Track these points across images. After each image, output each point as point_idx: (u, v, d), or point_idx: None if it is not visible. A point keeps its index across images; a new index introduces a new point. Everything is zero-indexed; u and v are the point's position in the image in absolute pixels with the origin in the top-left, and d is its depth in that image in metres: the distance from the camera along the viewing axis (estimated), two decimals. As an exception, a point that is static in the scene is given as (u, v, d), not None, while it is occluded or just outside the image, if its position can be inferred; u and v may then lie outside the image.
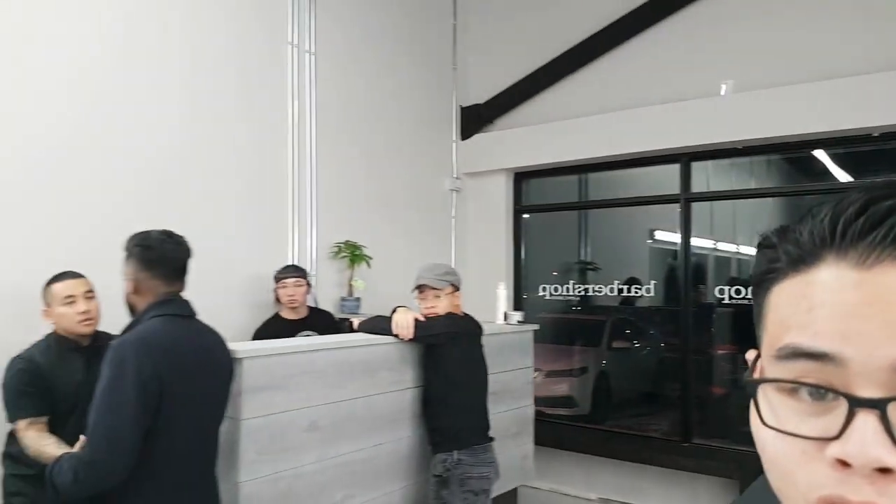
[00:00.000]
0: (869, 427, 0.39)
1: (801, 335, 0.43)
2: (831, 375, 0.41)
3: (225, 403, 2.16)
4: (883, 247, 0.41)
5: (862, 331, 0.41)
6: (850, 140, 4.15)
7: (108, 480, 1.86)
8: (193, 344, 2.08)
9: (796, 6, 4.16)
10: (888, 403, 0.39)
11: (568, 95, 5.04)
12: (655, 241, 5.95)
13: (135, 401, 1.86)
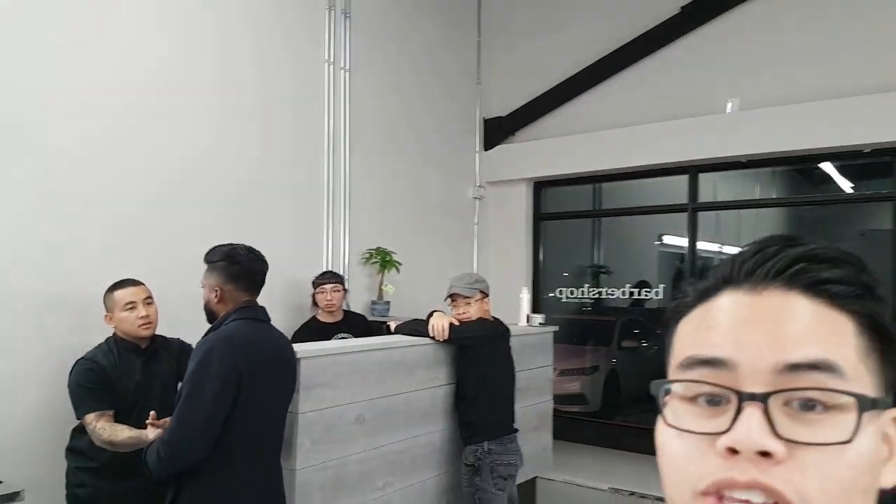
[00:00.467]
0: (754, 418, 0.47)
1: (701, 347, 0.52)
2: (725, 379, 0.50)
3: (290, 397, 2.45)
4: (769, 278, 0.52)
5: (751, 340, 0.50)
6: (844, 155, 4.45)
7: (186, 459, 2.12)
8: (269, 344, 2.35)
9: (795, 33, 4.44)
10: (769, 397, 0.47)
11: (584, 110, 5.33)
12: (663, 245, 6.26)
13: (214, 392, 2.12)
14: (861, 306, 0.51)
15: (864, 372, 0.50)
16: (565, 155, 5.33)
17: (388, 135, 5.01)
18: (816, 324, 0.50)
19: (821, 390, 0.47)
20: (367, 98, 4.81)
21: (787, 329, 0.50)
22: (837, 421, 0.47)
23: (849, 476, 0.47)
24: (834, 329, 0.50)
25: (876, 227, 5.00)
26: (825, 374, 0.48)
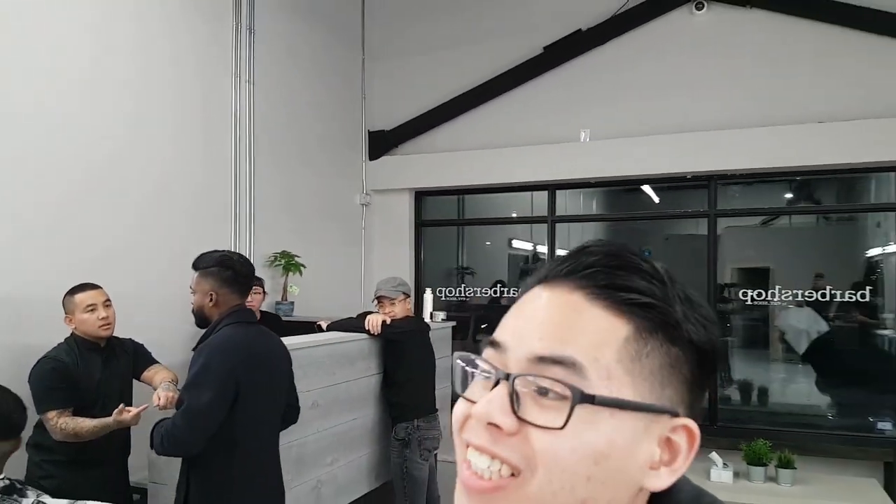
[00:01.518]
0: (498, 395, 0.55)
1: (497, 331, 0.61)
2: (499, 359, 0.58)
3: (283, 390, 2.69)
4: (561, 276, 0.59)
5: (523, 329, 0.58)
6: (669, 179, 5.59)
7: (184, 450, 2.38)
8: (263, 345, 2.58)
9: (638, 75, 5.48)
10: (516, 378, 0.55)
11: (461, 130, 6.04)
12: (513, 249, 7.20)
13: (213, 396, 2.33)
14: (643, 314, 0.56)
15: (623, 374, 0.54)
16: (444, 169, 6.01)
17: (287, 144, 5.34)
18: (578, 323, 0.55)
19: (549, 379, 0.53)
20: (269, 109, 5.11)
21: (549, 324, 0.56)
22: (562, 409, 0.53)
23: (567, 458, 0.53)
24: (600, 331, 0.55)
25: (678, 233, 6.30)
26: (566, 369, 0.53)
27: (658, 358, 0.56)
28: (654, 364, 0.55)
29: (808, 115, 4.99)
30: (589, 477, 0.53)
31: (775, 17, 5.14)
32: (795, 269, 5.63)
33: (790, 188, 5.67)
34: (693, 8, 5.38)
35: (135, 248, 3.94)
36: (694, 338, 0.57)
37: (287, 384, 2.69)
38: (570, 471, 0.53)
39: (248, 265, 2.69)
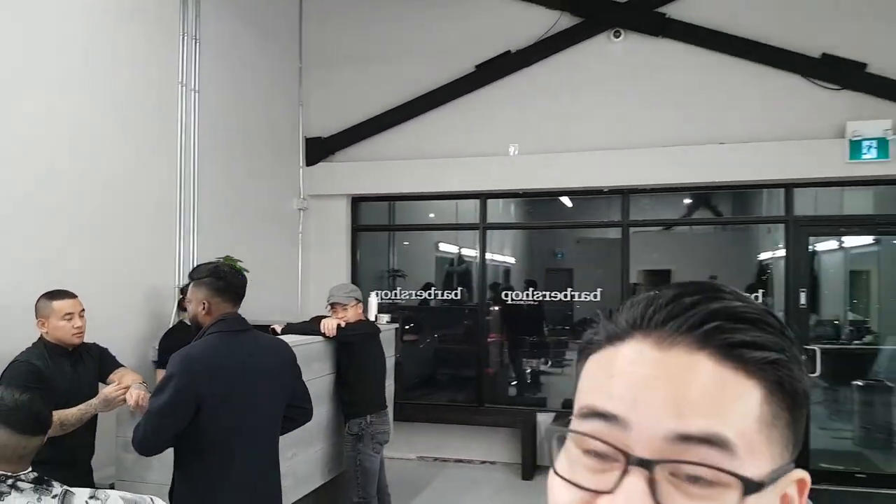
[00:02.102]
0: (638, 485, 0.47)
1: (600, 397, 0.50)
2: (617, 436, 0.48)
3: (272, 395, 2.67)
4: (679, 332, 0.49)
5: (649, 401, 0.48)
6: (589, 192, 6.12)
7: (147, 450, 2.50)
8: (237, 353, 2.57)
9: (561, 98, 5.97)
10: (656, 465, 0.47)
11: (397, 141, 6.35)
12: (439, 252, 7.56)
13: (165, 403, 2.40)
14: (772, 374, 0.50)
15: (764, 444, 0.49)
16: (381, 176, 6.30)
17: (230, 150, 5.48)
18: (719, 392, 0.48)
19: (707, 467, 0.46)
20: (212, 116, 5.23)
21: (686, 395, 0.48)
22: (721, 497, 0.47)
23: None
24: (738, 398, 0.49)
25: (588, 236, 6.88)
26: (716, 449, 0.47)
27: (785, 417, 0.51)
28: (784, 423, 0.51)
29: (711, 136, 5.62)
30: None
31: (684, 48, 5.75)
32: (695, 271, 6.30)
33: (693, 200, 6.32)
34: (611, 36, 5.93)
35: (82, 253, 4.02)
36: (805, 389, 0.53)
37: (279, 388, 2.72)
38: None
39: (238, 275, 2.79)
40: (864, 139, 5.27)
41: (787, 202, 5.75)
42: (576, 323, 6.55)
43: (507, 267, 7.23)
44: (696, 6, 5.71)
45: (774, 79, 5.56)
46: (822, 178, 5.53)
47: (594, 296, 6.20)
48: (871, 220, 5.79)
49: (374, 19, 6.46)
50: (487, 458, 6.18)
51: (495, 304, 6.48)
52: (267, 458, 2.69)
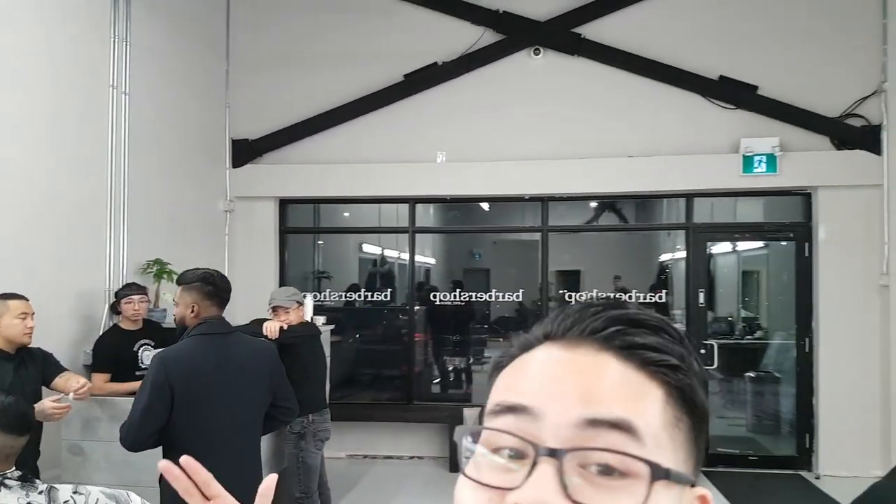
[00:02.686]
0: (546, 476, 0.46)
1: (510, 394, 0.52)
2: (528, 430, 0.49)
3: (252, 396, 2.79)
4: (584, 335, 0.53)
5: (559, 392, 0.50)
6: (512, 199, 6.49)
7: (130, 445, 2.60)
8: (213, 357, 2.69)
9: (487, 111, 6.30)
10: (566, 454, 0.46)
11: (327, 144, 6.48)
12: (363, 253, 7.74)
13: (146, 401, 2.55)
14: (672, 377, 0.51)
15: (668, 441, 0.50)
16: (310, 179, 6.41)
17: (159, 153, 5.45)
18: (624, 385, 0.50)
19: (615, 453, 0.47)
20: (142, 119, 5.18)
21: (593, 385, 0.49)
22: (630, 488, 0.47)
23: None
24: (641, 393, 0.50)
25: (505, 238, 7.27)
26: (624, 435, 0.48)
27: (686, 424, 0.52)
28: (685, 431, 0.52)
29: (621, 150, 6.12)
30: None
31: (597, 66, 6.22)
32: (603, 271, 6.81)
33: (604, 207, 6.81)
34: (532, 53, 6.32)
35: (12, 256, 3.96)
36: (703, 402, 0.54)
37: (258, 389, 2.82)
38: None
39: (227, 281, 2.89)
40: (756, 154, 5.90)
41: (687, 210, 6.33)
42: (495, 321, 6.92)
43: (427, 267, 7.50)
44: (609, 28, 6.18)
45: (677, 97, 6.12)
46: (718, 189, 6.14)
47: (516, 296, 6.58)
48: (761, 227, 6.47)
49: (303, 26, 6.56)
50: (416, 453, 6.42)
51: (422, 305, 6.73)
52: (247, 456, 2.79)
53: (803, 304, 6.08)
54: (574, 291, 6.63)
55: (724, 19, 6.12)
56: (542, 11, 6.28)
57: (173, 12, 5.69)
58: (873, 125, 5.85)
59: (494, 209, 6.99)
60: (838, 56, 5.94)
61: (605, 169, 6.10)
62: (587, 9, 6.20)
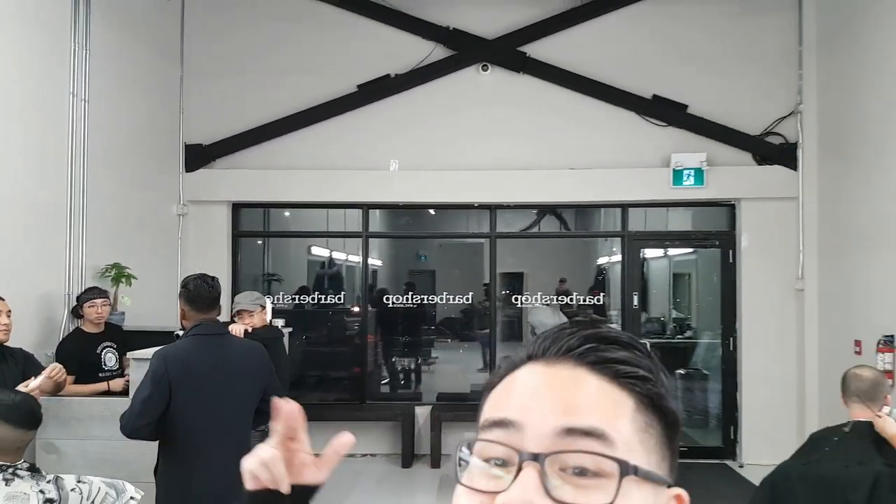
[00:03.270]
0: (529, 479, 0.53)
1: (498, 411, 0.59)
2: (513, 440, 0.56)
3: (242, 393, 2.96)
4: (560, 353, 0.59)
5: (537, 405, 0.56)
6: (461, 206, 6.82)
7: (129, 432, 2.77)
8: (207, 355, 2.89)
9: (439, 122, 6.60)
10: (546, 457, 0.53)
11: (282, 149, 6.64)
12: (311, 255, 7.91)
13: (146, 392, 2.76)
14: (641, 387, 0.58)
15: (638, 445, 0.56)
16: (264, 184, 6.56)
17: (117, 158, 5.51)
18: (598, 396, 0.56)
19: (589, 454, 0.53)
20: (102, 125, 5.25)
21: (570, 398, 0.56)
22: (604, 486, 0.53)
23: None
24: (613, 403, 0.56)
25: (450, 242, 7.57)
26: (598, 441, 0.54)
27: (657, 430, 0.58)
28: (656, 436, 0.58)
29: (563, 162, 6.52)
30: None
31: (541, 84, 6.60)
32: (546, 273, 7.20)
33: (547, 214, 7.19)
34: (480, 69, 6.65)
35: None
36: (672, 408, 0.60)
37: (249, 387, 3.00)
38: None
39: (205, 287, 3.01)
40: (685, 168, 6.40)
41: (623, 219, 6.79)
42: (442, 323, 7.22)
43: (374, 269, 7.71)
44: (552, 49, 6.58)
45: (615, 115, 6.57)
46: (651, 200, 6.62)
47: (465, 298, 6.90)
48: (689, 235, 7.00)
49: (258, 34, 6.71)
50: (369, 451, 6.65)
51: (374, 307, 6.96)
52: (236, 450, 2.85)
53: (728, 306, 6.62)
54: (518, 293, 7.01)
55: (656, 43, 6.60)
56: (490, 30, 6.63)
57: (129, 19, 5.77)
58: (790, 143, 6.43)
59: (442, 214, 7.29)
60: (760, 79, 6.50)
61: (549, 180, 6.49)
62: (532, 29, 6.58)
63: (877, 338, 5.13)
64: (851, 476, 2.60)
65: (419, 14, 6.61)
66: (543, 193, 6.56)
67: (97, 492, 2.24)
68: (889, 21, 5.15)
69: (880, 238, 5.25)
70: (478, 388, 6.92)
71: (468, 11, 6.64)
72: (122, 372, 4.50)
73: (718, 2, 6.52)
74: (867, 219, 5.44)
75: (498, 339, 7.00)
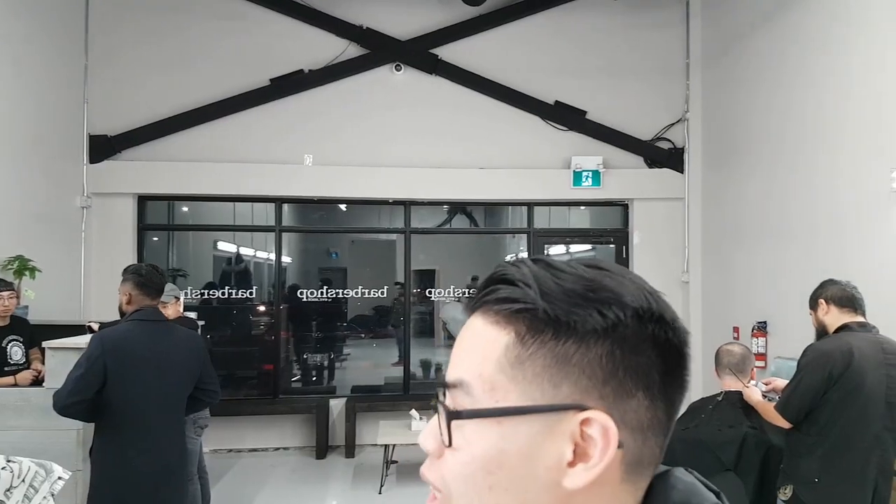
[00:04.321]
0: (431, 423, 0.62)
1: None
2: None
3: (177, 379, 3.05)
4: (475, 304, 0.62)
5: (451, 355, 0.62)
6: (375, 202, 6.99)
7: (60, 409, 2.79)
8: (145, 339, 2.96)
9: (352, 119, 6.74)
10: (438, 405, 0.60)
11: (192, 142, 6.56)
12: (217, 251, 7.85)
13: (78, 374, 2.80)
14: (522, 318, 0.57)
15: (506, 382, 0.57)
16: (173, 177, 6.47)
17: (19, 148, 5.32)
18: (470, 344, 0.60)
19: (438, 402, 0.60)
20: (1, 113, 5.09)
21: (456, 351, 0.61)
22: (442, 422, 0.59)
23: (464, 472, 0.57)
24: (486, 344, 0.58)
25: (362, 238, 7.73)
26: (460, 391, 0.58)
27: (542, 357, 0.56)
28: (538, 365, 0.56)
29: (474, 162, 6.83)
30: (490, 486, 0.56)
31: (453, 85, 6.88)
32: (457, 268, 7.49)
33: (459, 211, 7.49)
34: (394, 68, 6.85)
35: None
36: (589, 327, 0.55)
37: (184, 373, 3.10)
38: (471, 482, 0.57)
39: (156, 273, 3.14)
40: (584, 171, 6.86)
41: (528, 217, 7.18)
42: (353, 320, 7.35)
43: (284, 265, 7.72)
44: (463, 52, 6.87)
45: (521, 118, 6.94)
46: (553, 199, 7.04)
47: (381, 293, 7.09)
48: (588, 232, 7.48)
49: (168, 25, 6.60)
50: (281, 444, 6.70)
51: (287, 302, 7.01)
52: (171, 433, 3.06)
53: (622, 298, 7.10)
54: (431, 288, 7.26)
55: (559, 51, 7.03)
56: (403, 31, 6.84)
57: (32, 5, 5.57)
58: (678, 148, 7.03)
59: (353, 210, 7.41)
60: (652, 88, 7.05)
61: (460, 178, 6.78)
62: (443, 32, 6.85)
63: (752, 324, 5.74)
64: (723, 437, 2.99)
65: (333, 12, 6.73)
66: (455, 191, 6.84)
67: (27, 470, 2.28)
68: (765, 42, 5.75)
69: (756, 235, 5.87)
70: (392, 380, 7.13)
71: (382, 12, 6.83)
72: (28, 365, 4.40)
73: (617, 14, 7.01)
74: (744, 218, 6.05)
75: (412, 335, 7.20)
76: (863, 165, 4.49)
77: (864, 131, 4.48)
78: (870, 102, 4.43)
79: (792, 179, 5.33)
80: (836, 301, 3.05)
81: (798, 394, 2.93)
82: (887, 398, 2.90)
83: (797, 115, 5.25)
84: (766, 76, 5.72)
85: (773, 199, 5.59)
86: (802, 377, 2.94)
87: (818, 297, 3.13)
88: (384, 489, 5.49)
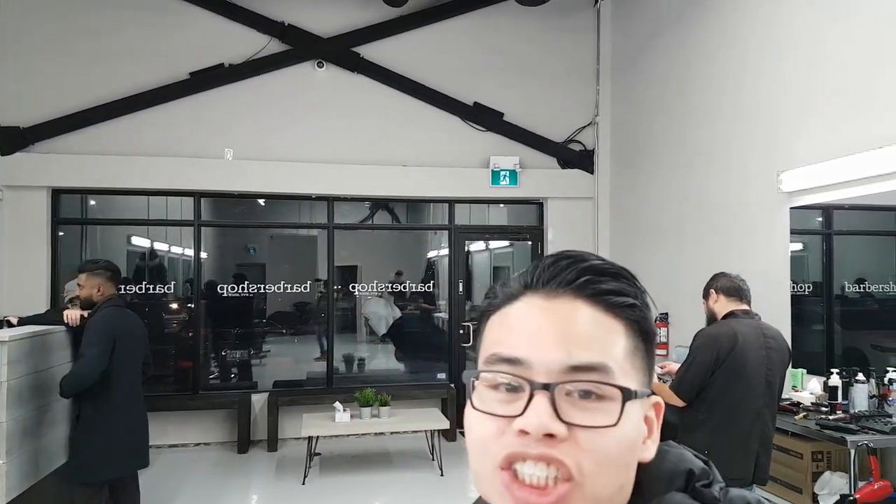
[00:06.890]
0: (542, 405, 0.59)
1: (502, 347, 0.63)
2: (521, 372, 0.61)
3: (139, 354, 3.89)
4: (561, 286, 0.63)
5: (544, 342, 0.61)
6: (299, 197, 7.05)
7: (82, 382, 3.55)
8: (127, 322, 3.84)
9: (275, 113, 6.76)
10: (556, 387, 0.59)
11: (109, 134, 6.43)
12: (131, 245, 7.67)
13: (101, 348, 3.57)
14: (631, 313, 0.64)
15: (630, 368, 0.63)
16: (87, 170, 6.32)
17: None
18: (595, 328, 0.62)
19: (595, 383, 0.60)
20: None
21: (571, 333, 0.61)
22: (607, 408, 0.60)
23: (615, 452, 0.60)
24: (608, 332, 0.62)
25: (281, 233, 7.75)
26: (598, 373, 0.60)
27: (642, 349, 0.65)
28: (642, 355, 0.65)
29: (396, 159, 6.99)
30: (627, 464, 0.62)
31: (375, 84, 7.02)
32: (379, 264, 7.63)
33: (381, 207, 7.62)
34: (315, 65, 6.92)
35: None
36: (653, 329, 0.67)
37: (141, 349, 3.95)
38: (617, 462, 0.60)
39: (117, 268, 4.00)
40: (501, 170, 7.16)
41: (450, 214, 7.41)
42: (273, 316, 7.36)
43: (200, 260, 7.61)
44: (385, 52, 7.02)
45: (442, 118, 7.16)
46: (473, 196, 7.30)
47: (304, 288, 7.14)
48: (506, 229, 7.79)
49: (82, 16, 6.43)
50: (202, 440, 6.65)
51: (205, 298, 6.95)
52: (141, 398, 4.00)
53: (538, 292, 7.44)
54: (354, 283, 7.37)
55: (478, 54, 7.28)
56: (325, 28, 6.92)
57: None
58: (588, 150, 7.43)
59: (273, 206, 7.40)
60: (565, 91, 7.42)
61: (382, 175, 6.93)
62: (365, 31, 6.97)
63: (655, 315, 6.14)
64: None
65: (252, 7, 6.73)
66: (378, 187, 6.98)
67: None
68: (669, 50, 6.19)
69: (658, 233, 6.31)
70: (314, 375, 7.18)
71: (303, 9, 6.88)
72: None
73: (534, 20, 7.32)
74: (647, 217, 6.50)
75: (335, 330, 7.27)
76: (751, 168, 4.96)
77: (754, 136, 4.95)
78: (760, 108, 4.90)
79: (689, 181, 5.78)
80: (724, 291, 3.41)
81: (690, 373, 3.25)
82: (767, 377, 3.27)
83: (695, 120, 5.71)
84: (670, 82, 6.16)
85: (673, 200, 6.04)
86: (694, 358, 3.27)
87: (710, 287, 3.49)
88: (307, 480, 5.58)
